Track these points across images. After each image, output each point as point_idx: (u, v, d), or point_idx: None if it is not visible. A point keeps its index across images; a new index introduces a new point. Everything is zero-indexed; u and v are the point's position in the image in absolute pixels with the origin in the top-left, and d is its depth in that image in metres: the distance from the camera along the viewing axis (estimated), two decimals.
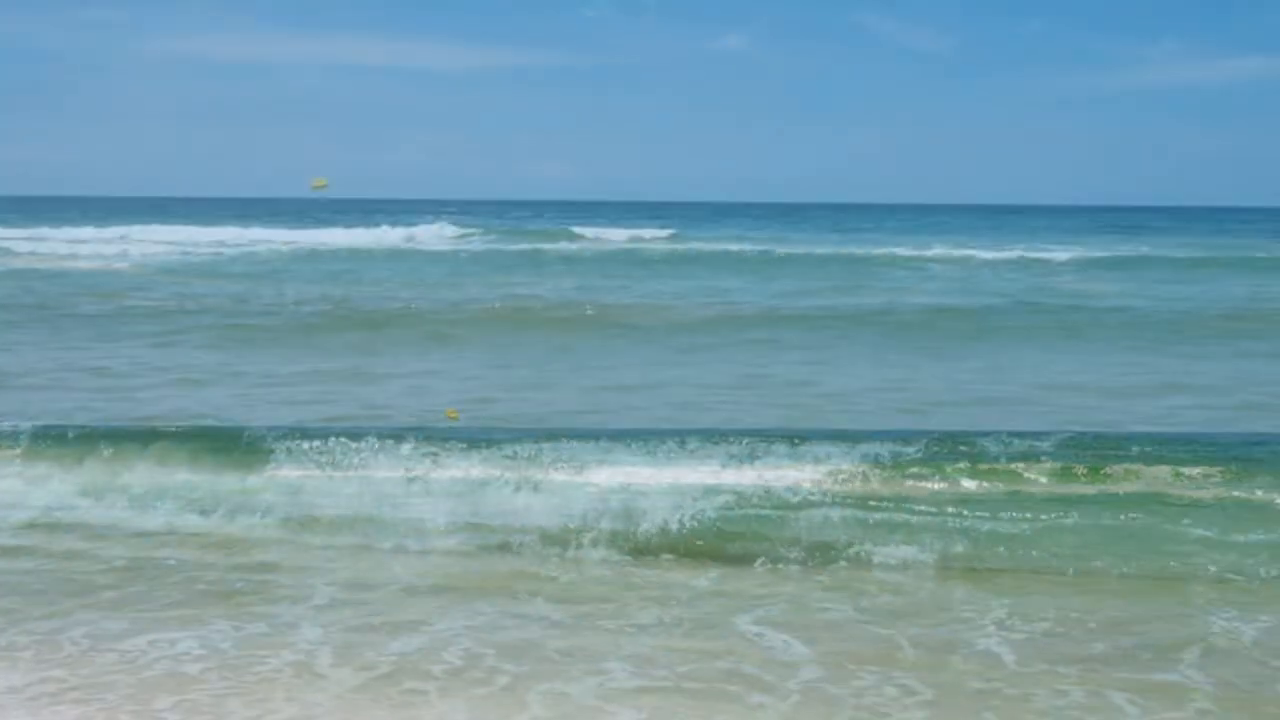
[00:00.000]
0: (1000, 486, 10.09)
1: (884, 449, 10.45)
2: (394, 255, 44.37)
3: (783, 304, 25.98)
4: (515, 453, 10.50)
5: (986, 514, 9.82)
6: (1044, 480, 10.13)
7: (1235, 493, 9.86)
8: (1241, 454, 10.65)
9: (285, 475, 10.48)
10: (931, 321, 22.60)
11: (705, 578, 9.17)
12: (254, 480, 10.65)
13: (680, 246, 51.89)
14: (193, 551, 9.76)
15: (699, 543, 9.73)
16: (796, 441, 10.61)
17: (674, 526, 9.81)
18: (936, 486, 10.13)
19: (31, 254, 43.76)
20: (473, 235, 62.28)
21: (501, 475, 10.23)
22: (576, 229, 67.47)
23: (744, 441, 10.55)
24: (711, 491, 10.03)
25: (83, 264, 38.34)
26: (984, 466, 10.27)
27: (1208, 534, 9.42)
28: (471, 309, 23.96)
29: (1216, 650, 7.59)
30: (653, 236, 61.22)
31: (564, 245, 53.61)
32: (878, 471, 10.24)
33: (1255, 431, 12.34)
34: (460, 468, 10.31)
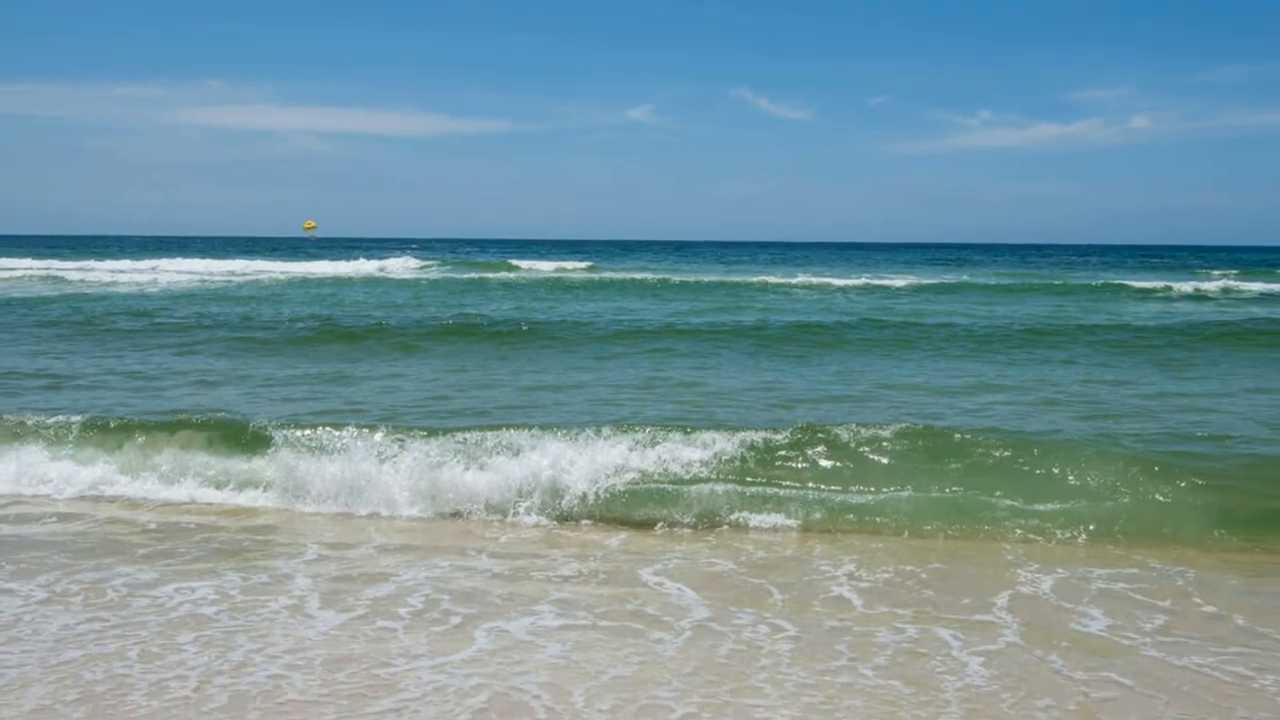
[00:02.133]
0: (850, 466, 10.17)
1: (758, 436, 10.52)
2: (369, 282, 43.93)
3: (677, 321, 25.93)
4: (465, 439, 10.47)
5: (839, 488, 9.90)
6: (885, 461, 10.21)
7: (1036, 471, 9.98)
8: (1040, 441, 10.81)
9: (283, 457, 10.42)
10: (796, 335, 22.60)
11: (616, 538, 9.18)
12: (258, 461, 10.68)
13: (596, 275, 51.75)
14: (209, 517, 9.75)
15: (611, 511, 9.75)
16: (689, 430, 10.67)
17: (591, 498, 9.81)
18: (800, 466, 10.20)
19: (80, 281, 43.24)
20: (431, 266, 61.81)
21: (454, 458, 10.20)
22: (514, 261, 67.21)
23: (647, 430, 10.58)
24: (621, 470, 10.04)
25: (121, 289, 37.78)
26: (837, 450, 10.36)
27: (1015, 504, 9.53)
28: (431, 325, 23.74)
29: (1021, 596, 7.68)
30: (574, 268, 60.97)
31: (504, 274, 53.31)
32: (753, 454, 10.29)
33: (1051, 422, 12.51)
34: (421, 451, 10.25)
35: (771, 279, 46.81)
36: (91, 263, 59.57)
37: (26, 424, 11.42)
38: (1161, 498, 9.55)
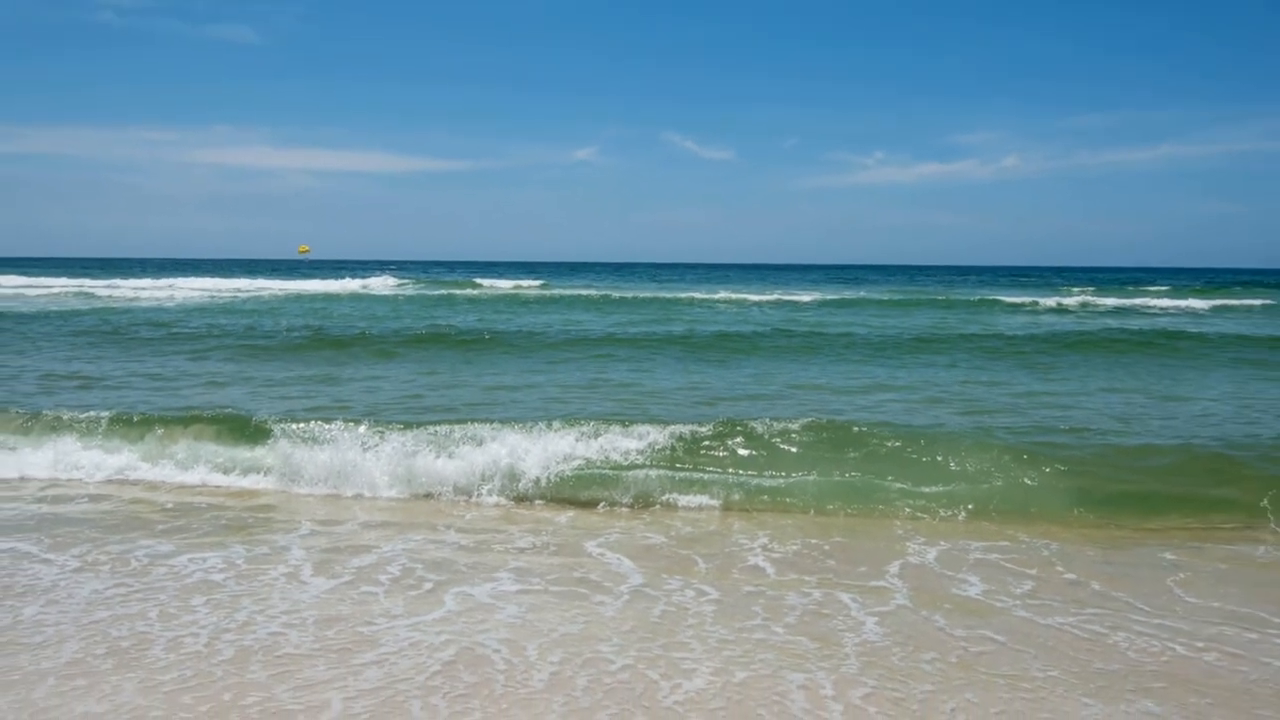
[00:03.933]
0: (764, 454, 10.24)
1: (686, 429, 10.56)
2: (354, 298, 43.52)
3: (617, 331, 25.94)
4: (436, 432, 10.47)
5: (755, 472, 9.97)
6: (794, 450, 10.30)
7: (923, 459, 10.09)
8: (926, 433, 10.93)
9: (281, 447, 10.40)
10: (718, 343, 22.66)
11: (565, 516, 9.21)
12: (260, 450, 10.66)
13: (548, 292, 51.62)
14: (218, 498, 9.73)
15: (561, 492, 9.77)
16: (626, 424, 10.70)
17: (544, 481, 9.83)
18: (721, 454, 10.26)
19: (108, 296, 42.73)
20: (407, 284, 61.30)
21: (427, 447, 10.21)
22: (477, 280, 66.99)
23: (591, 424, 10.61)
24: (569, 458, 10.07)
25: (143, 303, 37.27)
26: (753, 441, 10.42)
27: (904, 486, 9.63)
28: (407, 334, 23.59)
29: (910, 565, 7.77)
30: (529, 285, 60.73)
31: (469, 291, 52.99)
32: (681, 444, 10.34)
33: (936, 417, 12.66)
34: (399, 441, 10.26)
35: (697, 295, 46.88)
36: (118, 281, 58.96)
37: (62, 418, 11.41)
38: (1029, 481, 9.69)
